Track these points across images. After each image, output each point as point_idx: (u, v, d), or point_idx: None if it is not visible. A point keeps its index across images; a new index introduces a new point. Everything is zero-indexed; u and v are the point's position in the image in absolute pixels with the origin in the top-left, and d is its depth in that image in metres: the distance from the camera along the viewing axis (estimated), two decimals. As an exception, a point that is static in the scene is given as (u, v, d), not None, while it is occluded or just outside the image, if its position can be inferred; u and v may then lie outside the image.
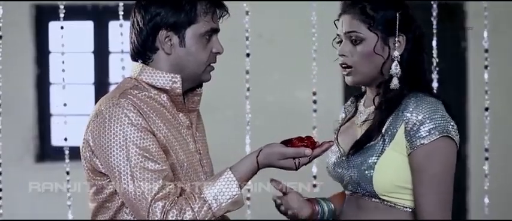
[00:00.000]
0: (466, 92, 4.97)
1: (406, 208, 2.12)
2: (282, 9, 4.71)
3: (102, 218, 2.16)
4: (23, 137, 5.13)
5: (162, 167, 2.05)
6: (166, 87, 2.16)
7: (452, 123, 2.08)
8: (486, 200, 3.36)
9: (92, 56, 5.24)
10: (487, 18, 3.28)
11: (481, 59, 3.31)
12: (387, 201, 2.12)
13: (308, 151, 2.05)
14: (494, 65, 3.48)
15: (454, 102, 4.91)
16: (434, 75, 3.13)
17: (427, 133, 2.05)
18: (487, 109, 3.26)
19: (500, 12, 4.41)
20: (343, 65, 2.17)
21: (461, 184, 5.03)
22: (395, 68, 2.12)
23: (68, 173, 3.24)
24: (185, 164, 2.16)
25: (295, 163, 2.06)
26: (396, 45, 2.13)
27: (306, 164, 2.09)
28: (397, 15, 2.12)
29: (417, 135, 2.05)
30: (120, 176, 2.04)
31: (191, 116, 2.25)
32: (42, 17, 5.17)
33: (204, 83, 2.25)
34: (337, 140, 2.29)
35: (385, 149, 2.10)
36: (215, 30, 2.18)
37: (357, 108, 2.30)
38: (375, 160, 2.10)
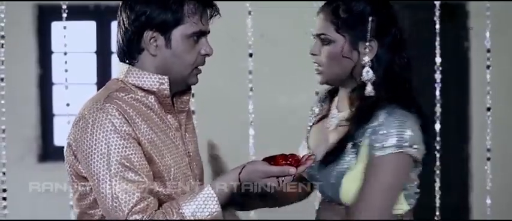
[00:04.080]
0: (468, 92, 4.97)
1: None
2: (283, 9, 4.71)
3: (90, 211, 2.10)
4: (25, 137, 5.14)
5: (142, 178, 1.98)
6: (154, 89, 2.09)
7: (414, 139, 2.02)
8: (488, 201, 3.36)
9: (95, 56, 5.24)
10: (489, 18, 3.28)
11: (483, 59, 3.31)
12: None
13: (292, 169, 1.98)
14: (496, 65, 3.48)
15: (456, 102, 4.92)
16: (437, 75, 3.13)
17: (386, 146, 2.01)
18: (489, 109, 3.26)
19: (503, 12, 4.41)
20: (315, 64, 2.15)
21: (464, 184, 5.03)
22: (366, 74, 2.08)
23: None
24: (172, 168, 2.10)
25: (278, 181, 2.00)
26: (367, 50, 2.07)
27: (289, 181, 2.02)
28: (370, 19, 2.06)
29: (377, 145, 2.01)
30: (99, 184, 1.98)
31: (180, 118, 2.18)
32: (45, 17, 5.17)
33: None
34: (307, 140, 2.27)
35: (352, 162, 2.07)
36: (203, 32, 2.10)
37: (329, 109, 2.26)
38: (342, 173, 2.07)
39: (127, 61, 2.11)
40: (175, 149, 2.12)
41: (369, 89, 2.08)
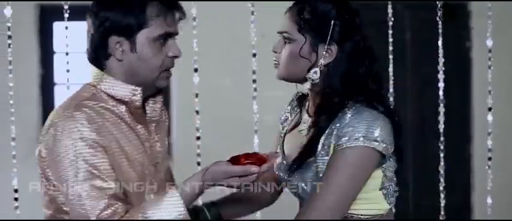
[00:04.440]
0: (470, 92, 4.98)
1: (360, 216, 2.10)
2: (284, 9, 4.72)
3: (48, 212, 2.12)
4: (28, 137, 5.14)
5: (109, 185, 2.00)
6: (126, 99, 2.09)
7: (381, 136, 2.02)
8: (489, 200, 3.37)
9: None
10: (490, 18, 3.28)
11: (484, 59, 3.31)
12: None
13: (255, 168, 2.00)
14: (497, 65, 3.48)
15: (458, 102, 4.92)
16: (440, 76, 3.13)
17: (348, 138, 2.00)
18: (490, 109, 3.27)
19: (504, 12, 4.41)
20: (274, 60, 2.17)
21: (466, 184, 5.03)
22: (313, 74, 2.10)
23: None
24: (137, 178, 2.11)
25: (242, 181, 2.01)
26: (326, 53, 2.08)
27: (254, 181, 2.03)
28: (332, 23, 2.07)
29: (343, 139, 2.01)
30: (68, 190, 2.00)
31: (150, 127, 2.18)
32: (47, 17, 5.17)
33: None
34: (283, 146, 2.27)
35: (322, 165, 2.07)
36: (170, 34, 2.09)
37: (301, 114, 2.27)
38: (313, 177, 2.08)
39: (98, 66, 2.12)
40: (141, 159, 2.13)
41: (307, 86, 2.13)
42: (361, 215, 2.10)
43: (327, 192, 2.00)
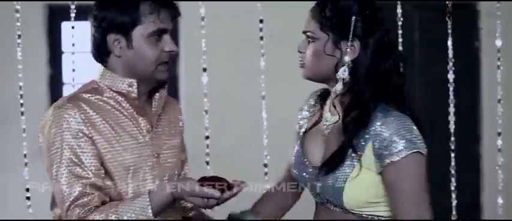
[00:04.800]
0: (479, 91, 4.96)
1: (380, 217, 2.11)
2: (293, 9, 4.71)
3: (53, 213, 2.27)
4: (36, 137, 5.14)
5: (88, 174, 2.14)
6: (123, 91, 2.23)
7: (419, 137, 2.06)
8: (500, 201, 3.36)
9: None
10: (499, 17, 3.27)
11: (493, 59, 3.30)
12: (359, 214, 2.11)
13: (217, 193, 2.10)
14: (507, 65, 3.47)
15: (468, 102, 4.91)
16: (450, 76, 3.13)
17: (396, 150, 2.02)
18: (500, 109, 3.26)
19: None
20: (299, 60, 2.19)
21: (475, 184, 5.02)
22: (342, 73, 2.10)
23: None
24: (132, 168, 2.23)
25: (204, 201, 2.12)
26: (349, 50, 2.09)
27: (217, 204, 2.14)
28: (353, 19, 2.08)
29: (386, 152, 2.03)
30: (52, 175, 2.15)
31: (152, 120, 2.28)
32: (55, 17, 5.17)
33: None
34: (302, 146, 2.27)
35: (354, 167, 2.07)
36: (163, 30, 2.21)
37: (321, 112, 2.27)
38: (345, 179, 2.07)
39: (102, 63, 2.27)
40: (138, 150, 2.25)
41: (339, 87, 2.12)
42: (382, 217, 2.11)
43: (409, 208, 2.04)
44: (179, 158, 2.39)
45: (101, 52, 2.24)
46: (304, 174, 2.20)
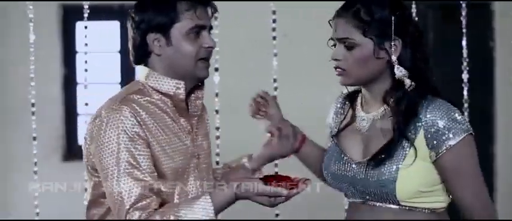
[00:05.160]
0: (493, 91, 4.94)
1: (425, 209, 2.13)
2: (306, 8, 4.71)
3: (96, 212, 2.25)
4: (50, 137, 5.17)
5: (146, 177, 2.12)
6: (170, 93, 2.23)
7: (466, 119, 2.10)
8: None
9: (119, 55, 5.26)
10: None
11: (508, 59, 3.28)
12: (407, 206, 2.12)
13: (285, 191, 2.10)
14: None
15: (481, 102, 4.88)
16: (464, 75, 3.11)
17: (452, 135, 2.05)
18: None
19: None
20: (336, 68, 2.17)
21: (488, 184, 4.99)
22: (399, 72, 2.12)
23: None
24: (179, 169, 2.23)
25: (271, 200, 2.12)
26: (392, 49, 2.11)
27: (282, 202, 2.13)
28: (393, 18, 2.10)
29: (442, 139, 2.06)
30: (107, 178, 2.13)
31: (192, 121, 2.29)
32: (69, 17, 5.20)
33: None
34: (338, 146, 2.27)
35: (405, 157, 2.09)
36: (202, 27, 2.22)
37: (354, 112, 2.28)
38: (397, 169, 2.09)
39: (142, 64, 2.28)
40: (185, 151, 2.25)
41: (408, 83, 2.14)
42: (425, 209, 2.13)
43: (483, 207, 2.11)
44: (211, 157, 2.41)
45: (141, 53, 2.25)
46: (345, 172, 2.21)
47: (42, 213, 3.40)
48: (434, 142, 2.07)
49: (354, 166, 2.18)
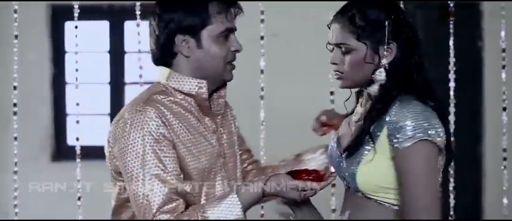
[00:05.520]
0: (482, 92, 4.95)
1: (394, 206, 2.13)
2: (297, 8, 4.71)
3: (124, 217, 2.22)
4: (39, 137, 5.15)
5: (172, 180, 2.09)
6: (193, 93, 2.20)
7: (436, 128, 2.08)
8: (505, 201, 3.35)
9: (108, 55, 5.25)
10: (504, 17, 3.26)
11: (497, 59, 3.29)
12: (375, 199, 2.15)
13: (315, 184, 2.10)
14: (510, 65, 3.46)
15: (470, 102, 4.89)
16: (451, 75, 3.12)
17: (406, 136, 2.06)
18: (505, 109, 3.25)
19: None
20: (335, 72, 2.20)
21: (477, 184, 5.00)
22: (379, 75, 2.15)
23: (78, 172, 3.25)
24: (206, 169, 2.20)
25: (301, 195, 2.11)
26: (386, 53, 2.14)
27: (311, 195, 2.14)
28: (387, 23, 2.12)
29: (397, 137, 2.07)
30: (132, 181, 2.09)
31: (216, 120, 2.27)
32: (58, 17, 5.18)
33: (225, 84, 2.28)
34: (338, 135, 2.33)
35: (369, 152, 2.12)
36: (231, 30, 2.20)
37: (356, 106, 2.33)
38: (358, 163, 2.13)
39: (163, 65, 2.23)
40: (210, 151, 2.23)
41: (374, 89, 2.16)
42: (393, 204, 2.14)
43: (415, 195, 2.07)
44: (237, 155, 2.39)
45: (166, 53, 2.20)
46: (336, 161, 2.26)
47: (29, 214, 3.39)
48: (394, 140, 2.08)
49: (338, 153, 2.23)
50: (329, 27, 2.22)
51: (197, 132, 2.19)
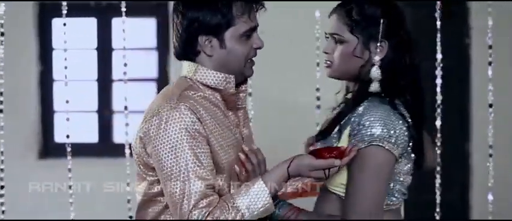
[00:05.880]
0: (469, 89, 4.96)
1: None
2: (285, 5, 4.71)
3: (152, 211, 2.25)
4: (26, 134, 5.14)
5: (208, 175, 2.11)
6: (220, 87, 2.22)
7: (396, 135, 2.11)
8: (490, 197, 3.36)
9: (95, 52, 5.23)
10: (490, 14, 3.27)
11: (484, 56, 3.30)
12: (337, 194, 2.20)
13: (337, 161, 2.09)
14: (497, 62, 3.47)
15: (457, 99, 4.91)
16: (438, 72, 3.14)
17: (362, 139, 2.10)
18: (491, 106, 3.26)
19: (504, 9, 4.40)
20: (325, 61, 2.26)
21: (464, 181, 5.02)
22: (375, 73, 2.18)
23: (69, 170, 3.25)
24: (235, 163, 2.23)
25: (325, 173, 2.12)
26: (378, 50, 2.18)
27: (335, 173, 2.14)
28: (381, 21, 2.16)
29: (355, 138, 2.12)
30: (169, 177, 2.11)
31: (239, 114, 2.31)
32: (46, 14, 5.16)
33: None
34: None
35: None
36: (254, 28, 2.22)
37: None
38: None
39: (186, 60, 2.24)
40: (237, 144, 2.26)
41: (375, 86, 2.19)
42: None
43: (358, 197, 2.12)
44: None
45: (188, 51, 2.22)
46: None
47: (11, 211, 3.37)
48: (352, 141, 2.13)
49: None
50: (329, 17, 2.26)
51: (225, 126, 2.21)
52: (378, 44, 2.17)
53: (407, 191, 2.25)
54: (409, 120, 2.16)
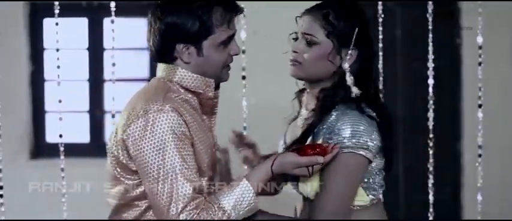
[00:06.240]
0: (460, 89, 4.98)
1: None
2: (277, 5, 4.72)
3: (128, 216, 2.21)
4: (17, 134, 5.13)
5: (194, 178, 2.09)
6: (200, 91, 2.20)
7: (368, 141, 2.15)
8: (479, 197, 3.38)
9: (87, 52, 5.23)
10: (481, 15, 3.28)
11: (475, 56, 3.32)
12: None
13: (321, 158, 2.11)
14: (487, 62, 3.49)
15: (448, 99, 4.92)
16: (430, 72, 3.15)
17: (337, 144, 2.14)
18: (480, 106, 3.27)
19: (494, 9, 4.42)
20: (292, 60, 2.26)
21: (455, 181, 5.04)
22: (350, 79, 2.21)
23: (62, 170, 3.24)
24: (212, 165, 2.24)
25: (308, 170, 2.12)
26: (348, 57, 2.21)
27: (318, 170, 2.15)
28: (356, 30, 2.19)
29: (328, 143, 2.15)
30: (153, 179, 2.08)
31: (211, 119, 2.30)
32: (37, 14, 5.15)
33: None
34: (285, 138, 2.41)
35: None
36: (232, 36, 2.20)
37: (300, 109, 2.39)
38: None
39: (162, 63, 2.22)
40: (212, 147, 2.26)
41: (356, 91, 2.21)
42: None
43: (327, 198, 2.15)
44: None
45: (164, 56, 2.19)
46: None
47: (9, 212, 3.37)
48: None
49: None
50: (297, 21, 2.28)
51: (202, 130, 2.20)
52: (349, 51, 2.20)
53: (384, 182, 2.29)
54: (378, 119, 2.19)
